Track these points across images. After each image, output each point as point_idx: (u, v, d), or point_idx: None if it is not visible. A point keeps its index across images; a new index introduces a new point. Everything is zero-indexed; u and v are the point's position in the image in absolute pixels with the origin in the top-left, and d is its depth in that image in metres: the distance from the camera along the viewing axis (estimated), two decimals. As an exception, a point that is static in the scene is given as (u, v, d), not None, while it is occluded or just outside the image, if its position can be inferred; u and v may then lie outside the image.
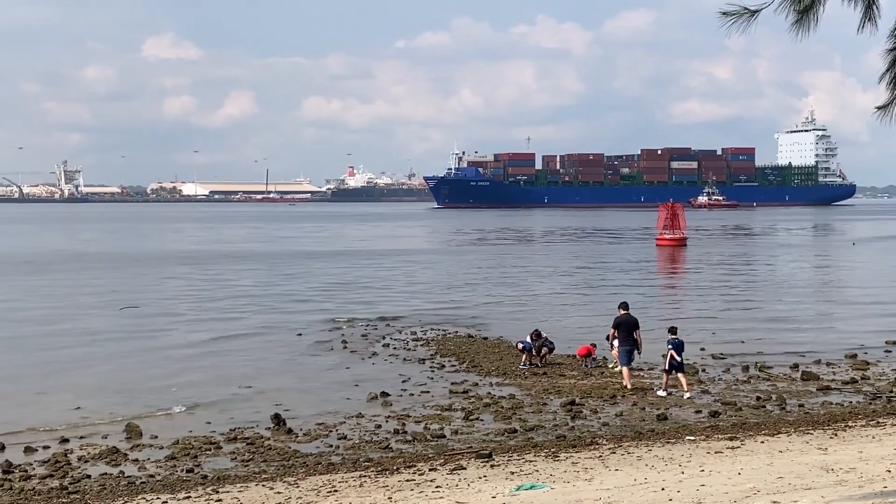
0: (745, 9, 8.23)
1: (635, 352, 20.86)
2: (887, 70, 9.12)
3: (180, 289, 43.55)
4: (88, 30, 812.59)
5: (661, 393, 19.84)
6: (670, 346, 19.82)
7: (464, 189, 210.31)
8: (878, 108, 9.14)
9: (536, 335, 23.10)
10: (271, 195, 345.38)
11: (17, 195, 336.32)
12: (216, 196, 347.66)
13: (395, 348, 26.26)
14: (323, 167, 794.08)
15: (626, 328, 20.66)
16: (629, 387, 20.30)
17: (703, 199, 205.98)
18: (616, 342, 21.05)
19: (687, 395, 19.54)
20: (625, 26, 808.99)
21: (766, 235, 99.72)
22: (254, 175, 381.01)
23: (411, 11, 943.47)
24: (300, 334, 29.13)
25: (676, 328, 20.88)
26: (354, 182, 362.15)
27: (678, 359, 19.68)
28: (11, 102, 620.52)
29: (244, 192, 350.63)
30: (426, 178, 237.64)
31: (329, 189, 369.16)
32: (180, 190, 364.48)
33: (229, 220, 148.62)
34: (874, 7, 8.38)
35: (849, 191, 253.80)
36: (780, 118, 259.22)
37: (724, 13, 8.29)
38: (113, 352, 26.32)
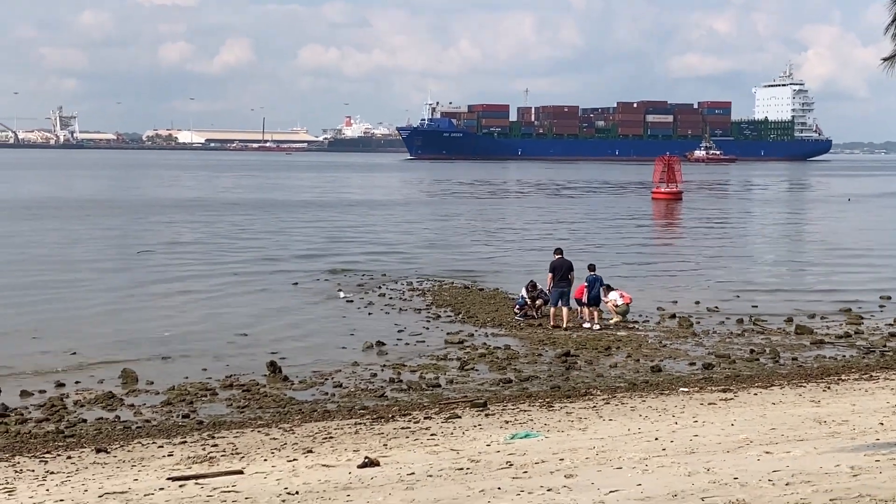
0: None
1: (568, 293, 21.98)
2: (893, 21, 9.00)
3: (176, 237, 43.46)
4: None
5: (586, 325, 21.79)
6: (585, 283, 22.00)
7: (437, 140, 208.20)
8: (884, 59, 9.03)
9: (532, 286, 23.10)
10: (268, 144, 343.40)
11: (12, 140, 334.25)
12: (212, 144, 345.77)
13: (391, 298, 26.28)
14: (320, 116, 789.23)
15: (562, 271, 21.73)
16: (559, 326, 21.59)
17: (700, 153, 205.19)
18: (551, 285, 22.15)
19: (587, 325, 21.74)
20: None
21: (757, 190, 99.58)
22: (250, 124, 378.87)
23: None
24: (296, 283, 29.14)
25: (595, 265, 23.13)
26: (351, 132, 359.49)
27: (591, 294, 21.97)
28: (7, 48, 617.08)
29: (240, 141, 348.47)
30: (399, 129, 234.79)
31: (326, 139, 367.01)
32: (176, 138, 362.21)
33: (224, 169, 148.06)
34: (882, -44, 8.25)
35: (825, 146, 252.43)
36: (780, 73, 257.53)
37: None
38: (111, 297, 26.31)
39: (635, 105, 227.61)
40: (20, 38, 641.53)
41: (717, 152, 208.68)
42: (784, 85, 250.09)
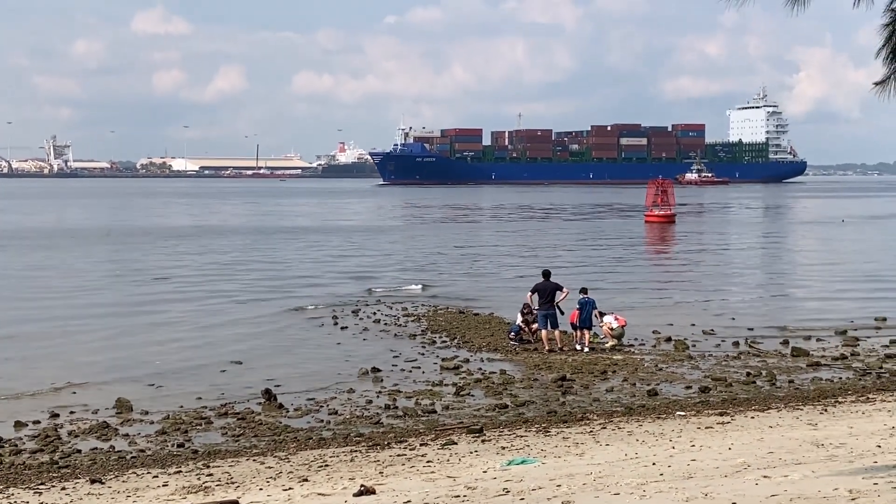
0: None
1: (557, 315, 22.01)
2: (884, 45, 9.04)
3: (172, 263, 43.39)
4: (77, 3, 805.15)
5: (577, 347, 21.99)
6: (577, 306, 22.09)
7: (410, 165, 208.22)
8: (876, 83, 9.06)
9: (528, 310, 23.07)
10: (261, 171, 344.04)
11: (5, 170, 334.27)
12: (206, 171, 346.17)
13: (385, 324, 26.23)
14: (314, 142, 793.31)
15: (546, 294, 21.93)
16: (553, 349, 21.73)
17: (692, 175, 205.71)
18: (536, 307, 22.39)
19: (577, 346, 21.96)
20: (617, 0, 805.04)
21: (749, 212, 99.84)
22: (244, 150, 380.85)
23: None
24: (293, 309, 29.08)
25: (587, 289, 22.99)
26: (345, 158, 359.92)
27: (582, 316, 22.07)
28: (0, 76, 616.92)
29: (234, 168, 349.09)
30: (371, 154, 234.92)
31: (320, 165, 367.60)
32: (170, 165, 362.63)
33: (215, 196, 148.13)
34: (871, -20, 8.30)
35: (799, 168, 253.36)
36: (772, 95, 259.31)
37: None
38: (106, 325, 26.24)
39: (609, 128, 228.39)
40: (14, 67, 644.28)
41: (709, 175, 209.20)
42: (758, 107, 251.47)
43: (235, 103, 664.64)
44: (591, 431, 14.62)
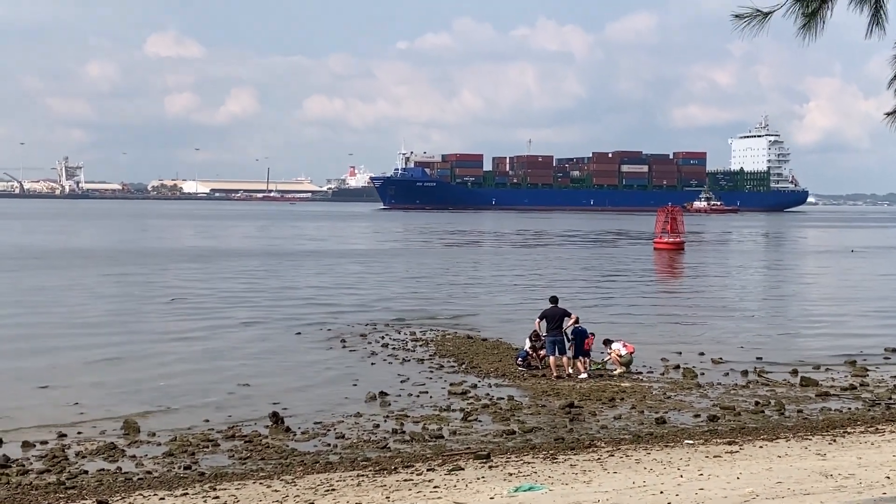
0: (758, 11, 8.23)
1: (565, 341, 21.97)
2: (895, 76, 9.09)
3: (181, 284, 43.48)
4: (91, 26, 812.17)
5: (569, 372, 21.85)
6: (571, 337, 22.00)
7: (410, 190, 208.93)
8: (887, 114, 9.11)
9: (536, 336, 23.06)
10: (272, 194, 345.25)
11: (17, 191, 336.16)
12: (216, 194, 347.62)
13: (393, 348, 26.22)
14: (325, 166, 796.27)
15: (553, 319, 21.82)
16: (562, 376, 21.65)
17: (701, 203, 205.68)
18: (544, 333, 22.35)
19: (569, 372, 21.81)
20: (627, 29, 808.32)
21: (757, 241, 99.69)
22: (255, 174, 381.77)
23: (412, 12, 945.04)
24: (299, 333, 29.11)
25: (578, 318, 22.67)
26: (355, 182, 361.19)
27: (576, 343, 22.03)
28: (14, 98, 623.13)
29: (245, 191, 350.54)
30: (372, 178, 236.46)
31: (330, 189, 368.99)
32: (181, 188, 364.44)
33: (225, 219, 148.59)
34: (882, 11, 8.36)
35: (801, 197, 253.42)
36: (782, 124, 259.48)
37: (736, 16, 8.28)
38: (114, 346, 26.27)
39: (610, 155, 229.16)
40: (27, 89, 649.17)
41: (718, 203, 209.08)
42: (759, 136, 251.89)
43: (247, 126, 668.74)
44: (599, 459, 14.57)
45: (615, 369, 22.48)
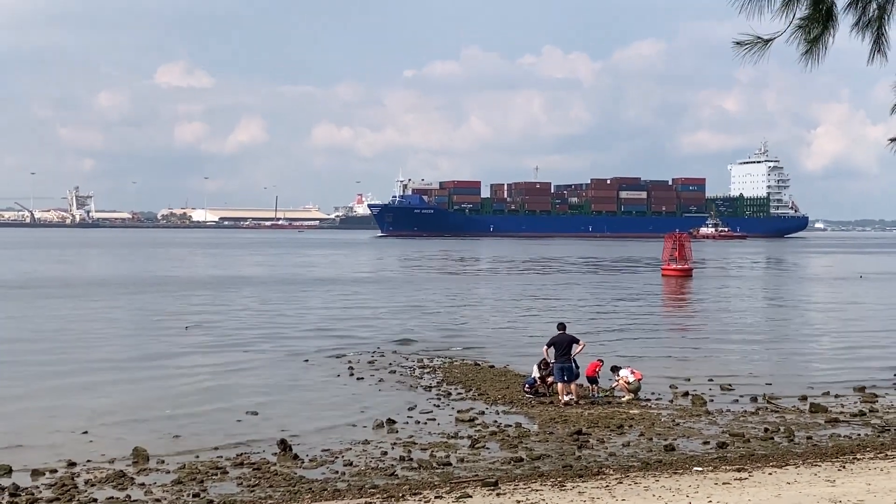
0: (759, 38, 8.32)
1: (574, 367, 21.88)
2: (897, 102, 9.16)
3: (191, 311, 43.58)
4: (102, 56, 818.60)
5: (565, 398, 21.65)
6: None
7: (408, 217, 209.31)
8: (892, 140, 9.18)
9: (545, 364, 23.05)
10: (280, 222, 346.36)
11: (28, 220, 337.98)
12: (225, 222, 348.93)
13: (401, 375, 26.24)
14: (333, 194, 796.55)
15: (561, 346, 21.78)
16: (570, 403, 21.56)
17: (707, 230, 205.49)
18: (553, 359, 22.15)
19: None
20: (634, 56, 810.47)
21: (765, 267, 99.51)
22: (263, 202, 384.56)
23: (420, 41, 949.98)
24: (307, 360, 29.14)
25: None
26: (362, 210, 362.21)
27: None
28: (24, 127, 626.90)
29: (253, 219, 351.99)
30: (370, 206, 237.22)
31: (337, 216, 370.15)
32: (190, 216, 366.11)
33: (233, 247, 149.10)
34: (883, 38, 8.45)
35: (801, 223, 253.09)
36: (791, 150, 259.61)
37: (737, 43, 8.37)
38: (123, 374, 26.33)
39: (608, 181, 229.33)
40: (38, 119, 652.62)
41: (726, 229, 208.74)
42: (759, 162, 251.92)
43: (255, 155, 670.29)
44: (607, 486, 14.53)
45: (623, 396, 22.44)
